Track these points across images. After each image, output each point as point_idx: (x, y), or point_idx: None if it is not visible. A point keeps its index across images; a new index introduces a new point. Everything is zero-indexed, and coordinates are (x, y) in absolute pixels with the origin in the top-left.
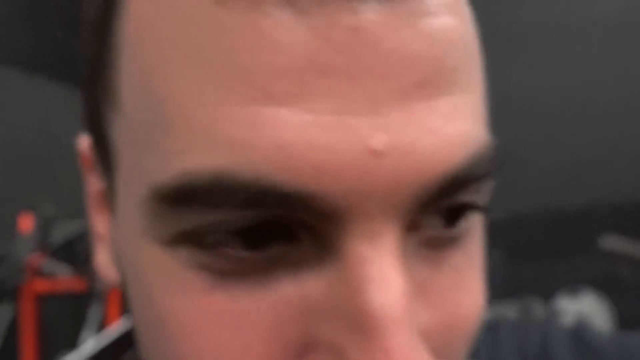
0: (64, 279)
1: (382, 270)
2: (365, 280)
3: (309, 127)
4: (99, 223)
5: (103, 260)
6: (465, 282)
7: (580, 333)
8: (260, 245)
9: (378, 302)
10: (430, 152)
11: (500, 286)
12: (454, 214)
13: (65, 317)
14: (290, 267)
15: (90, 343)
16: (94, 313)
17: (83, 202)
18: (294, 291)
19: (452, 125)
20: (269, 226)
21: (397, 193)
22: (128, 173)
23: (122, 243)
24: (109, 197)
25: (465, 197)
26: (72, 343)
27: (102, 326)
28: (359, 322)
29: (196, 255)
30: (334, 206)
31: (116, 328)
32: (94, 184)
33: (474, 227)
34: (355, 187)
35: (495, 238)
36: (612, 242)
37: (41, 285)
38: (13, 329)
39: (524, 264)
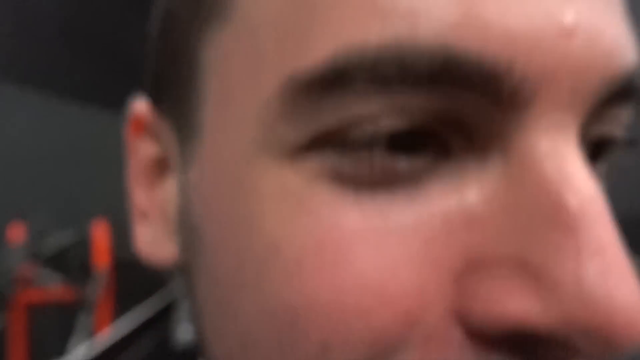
0: (55, 289)
1: (573, 164)
2: (554, 177)
3: None
4: (143, 196)
5: (146, 239)
6: None
7: None
8: (410, 153)
9: (578, 198)
10: (614, 43)
11: None
12: (599, 147)
13: (55, 326)
14: (443, 178)
15: (81, 350)
16: (83, 323)
17: (75, 211)
18: (448, 204)
19: (623, 27)
20: (422, 135)
21: (584, 79)
22: (235, 86)
23: (204, 185)
24: (182, 146)
25: (613, 127)
26: (61, 353)
27: (91, 336)
28: (554, 223)
29: (333, 161)
30: (523, 84)
31: (104, 338)
32: (145, 150)
33: (604, 172)
34: (547, 62)
35: None
36: None
37: (31, 296)
38: (2, 339)
39: None
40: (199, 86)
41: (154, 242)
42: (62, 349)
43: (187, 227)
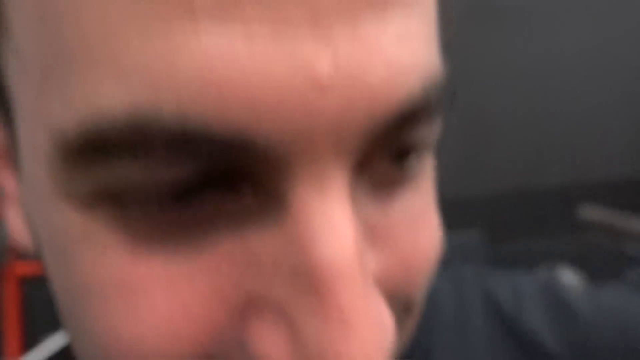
0: None
1: (330, 220)
2: (311, 233)
3: (240, 48)
4: (7, 179)
5: (15, 223)
6: (419, 220)
7: (552, 288)
8: (192, 197)
9: (326, 256)
10: (383, 78)
11: (479, 265)
12: (404, 152)
13: (49, 299)
14: (229, 221)
15: None
16: None
17: None
18: (234, 248)
19: (405, 48)
20: (201, 176)
21: (346, 128)
22: (28, 121)
23: (31, 202)
24: (13, 150)
25: (417, 134)
26: (56, 325)
27: None
28: (306, 279)
29: (116, 218)
30: (275, 149)
31: None
32: None
33: (425, 163)
34: (298, 124)
35: (474, 217)
36: (591, 213)
37: (24, 268)
38: None
39: (503, 243)
40: (11, 99)
41: (20, 226)
42: (56, 321)
43: (31, 225)
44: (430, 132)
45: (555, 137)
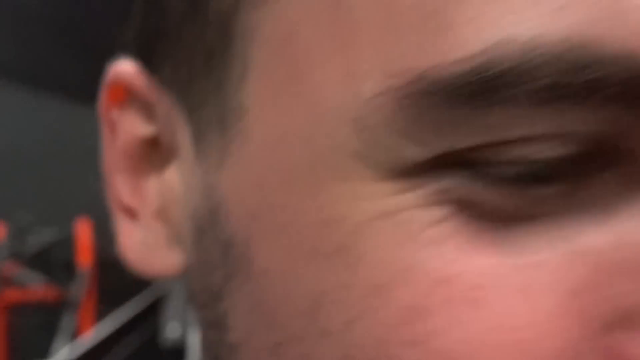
0: (37, 288)
1: None
2: None
3: None
4: (127, 187)
5: (134, 243)
6: None
7: None
8: (556, 173)
9: None
10: None
11: None
12: None
13: (37, 326)
14: (587, 210)
15: (64, 353)
16: (66, 323)
17: (57, 209)
18: (600, 241)
19: None
20: (587, 144)
21: None
22: (311, 71)
23: (254, 192)
24: (201, 130)
25: None
26: (44, 353)
27: (74, 336)
28: None
29: (463, 187)
30: None
31: (89, 337)
32: (130, 127)
33: None
34: None
35: None
36: None
37: (13, 295)
38: None
39: None
40: (242, 61)
41: (146, 249)
42: (44, 349)
43: (215, 240)
44: None
45: None
